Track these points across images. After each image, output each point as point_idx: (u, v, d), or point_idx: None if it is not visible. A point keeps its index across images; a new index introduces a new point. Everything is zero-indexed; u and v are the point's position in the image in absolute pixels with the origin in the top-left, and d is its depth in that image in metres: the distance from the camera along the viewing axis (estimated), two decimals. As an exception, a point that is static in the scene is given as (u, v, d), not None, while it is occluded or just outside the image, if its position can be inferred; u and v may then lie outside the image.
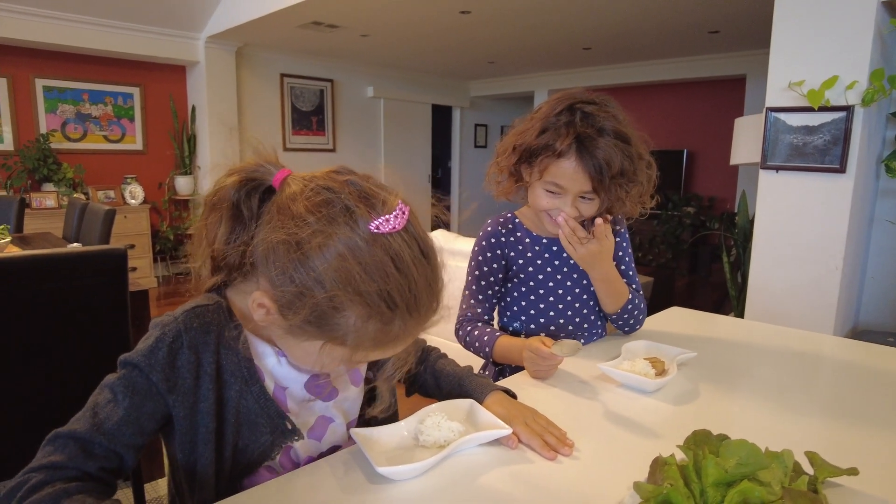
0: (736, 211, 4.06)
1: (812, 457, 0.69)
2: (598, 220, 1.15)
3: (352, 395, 0.84)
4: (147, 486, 2.10)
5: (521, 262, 1.27)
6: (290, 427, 0.75)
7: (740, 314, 3.08)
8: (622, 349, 1.15)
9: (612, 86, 6.62)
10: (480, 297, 1.30)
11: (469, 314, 1.30)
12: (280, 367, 0.76)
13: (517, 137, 1.16)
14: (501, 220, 1.30)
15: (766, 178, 2.51)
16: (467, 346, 1.28)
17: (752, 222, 3.01)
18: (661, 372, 1.06)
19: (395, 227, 0.62)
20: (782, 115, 2.39)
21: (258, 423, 0.73)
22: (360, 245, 0.60)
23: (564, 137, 1.06)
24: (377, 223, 0.61)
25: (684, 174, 6.51)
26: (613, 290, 1.25)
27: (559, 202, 1.14)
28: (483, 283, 1.29)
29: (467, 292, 1.32)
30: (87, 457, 0.63)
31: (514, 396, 0.92)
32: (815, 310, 2.39)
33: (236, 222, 0.69)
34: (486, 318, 1.31)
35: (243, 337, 0.72)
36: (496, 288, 1.30)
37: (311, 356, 0.68)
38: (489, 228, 1.30)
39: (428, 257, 0.65)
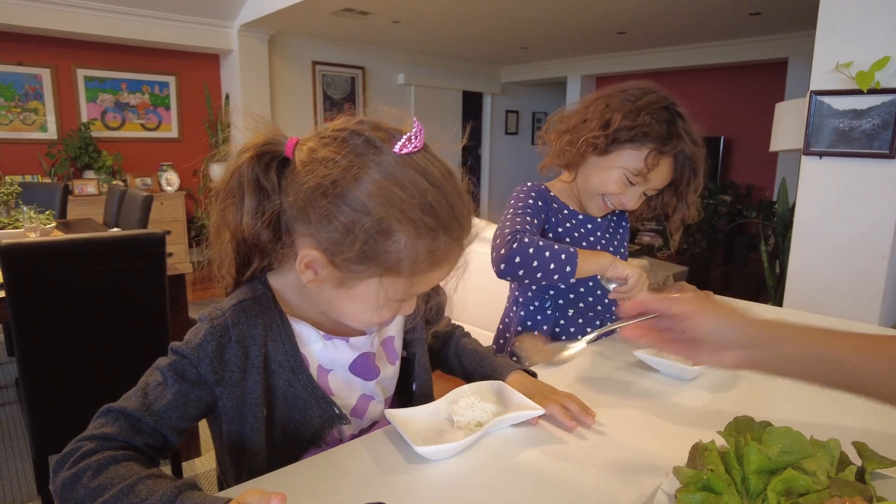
0: (775, 199, 3.95)
1: (860, 447, 0.67)
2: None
3: (390, 373, 0.85)
4: (185, 465, 2.17)
5: (558, 230, 1.26)
6: (337, 412, 0.77)
7: (778, 305, 3.00)
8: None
9: (647, 71, 6.47)
10: (528, 226, 1.15)
11: (527, 228, 1.14)
12: (325, 351, 0.77)
13: (611, 115, 1.14)
14: (542, 187, 1.28)
15: (808, 165, 2.42)
16: (532, 256, 1.06)
17: (792, 210, 2.92)
18: (698, 359, 1.04)
19: (416, 147, 0.65)
20: (827, 99, 2.30)
21: (307, 410, 0.75)
22: (392, 167, 0.63)
23: (675, 138, 1.12)
24: (400, 144, 0.64)
25: (721, 162, 6.35)
26: None
27: (629, 190, 1.17)
28: (530, 215, 1.18)
29: (517, 217, 1.16)
30: (135, 433, 0.66)
31: (534, 376, 0.92)
32: (858, 301, 2.31)
33: (261, 197, 0.69)
34: None
35: (288, 325, 0.74)
36: (539, 228, 1.20)
37: (369, 304, 0.68)
38: (534, 189, 1.25)
39: (452, 174, 0.68)
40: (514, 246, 1.08)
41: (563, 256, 1.07)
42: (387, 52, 6.72)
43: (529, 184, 1.28)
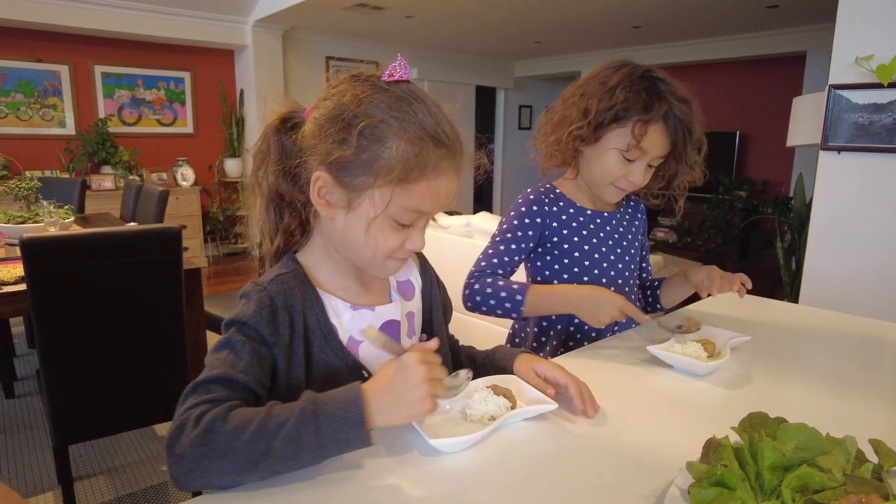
0: (791, 194, 3.90)
1: (877, 444, 0.66)
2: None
3: (410, 344, 0.88)
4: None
5: (564, 232, 1.25)
6: (367, 376, 0.80)
7: (794, 301, 2.96)
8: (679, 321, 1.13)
9: (661, 65, 6.35)
10: (506, 258, 1.22)
11: (489, 270, 1.21)
12: (354, 321, 0.82)
13: (587, 102, 1.15)
14: (543, 189, 1.28)
15: (826, 160, 2.39)
16: (485, 298, 1.15)
17: (809, 206, 2.89)
18: (712, 355, 1.03)
19: (402, 76, 0.74)
20: (846, 93, 2.27)
21: (339, 375, 0.79)
22: (380, 87, 0.73)
23: (657, 103, 1.10)
24: (388, 73, 0.74)
25: (736, 157, 6.27)
26: None
27: (631, 168, 1.15)
28: (514, 246, 1.23)
29: (492, 251, 1.24)
30: (231, 391, 0.68)
31: None
32: (877, 297, 2.28)
33: (283, 154, 0.78)
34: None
35: (319, 296, 0.80)
36: (522, 256, 1.25)
37: (384, 228, 0.74)
38: (531, 196, 1.26)
39: (439, 103, 0.75)
40: (467, 292, 1.19)
41: (507, 304, 1.14)
42: (400, 47, 6.69)
43: (530, 192, 1.27)
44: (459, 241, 2.81)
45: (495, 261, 1.22)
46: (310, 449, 0.62)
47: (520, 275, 1.28)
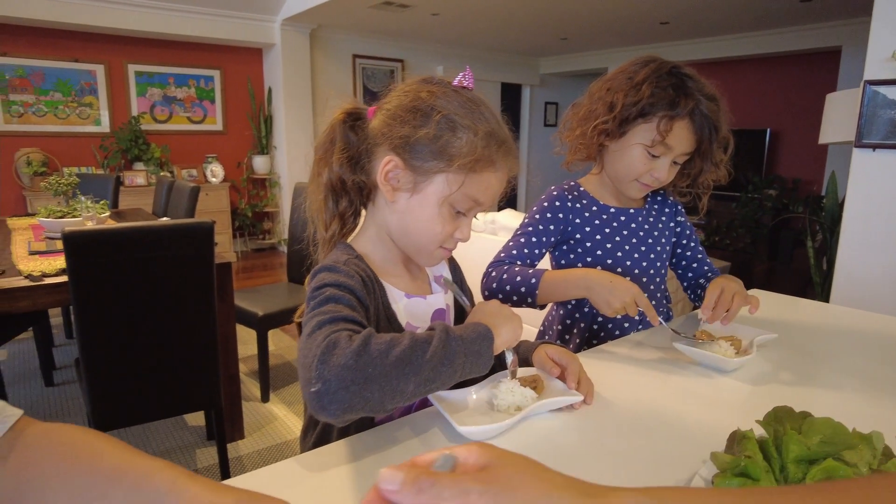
0: (823, 193, 3.82)
1: (904, 440, 0.66)
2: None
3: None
4: (229, 447, 2.25)
5: (587, 229, 1.25)
6: None
7: (825, 301, 2.91)
8: (700, 324, 1.13)
9: (690, 62, 6.28)
10: (526, 250, 1.23)
11: (507, 261, 1.22)
12: (407, 309, 0.86)
13: (613, 97, 1.15)
14: (567, 186, 1.29)
15: (860, 158, 2.35)
16: (500, 285, 1.17)
17: (841, 205, 2.83)
18: (738, 352, 1.03)
19: (468, 85, 0.83)
20: (882, 89, 2.22)
21: None
22: (454, 89, 0.81)
23: (684, 99, 1.09)
24: (457, 80, 0.83)
25: (766, 155, 6.16)
26: None
27: (656, 164, 1.15)
28: (534, 239, 1.23)
29: (512, 243, 1.24)
30: (353, 309, 0.73)
31: None
32: (911, 298, 2.23)
33: (346, 144, 0.84)
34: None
35: (380, 281, 0.84)
36: (543, 251, 1.25)
37: (435, 209, 0.80)
38: (555, 192, 1.27)
39: (497, 112, 0.84)
40: (485, 280, 1.20)
41: (522, 289, 1.15)
42: (426, 45, 6.74)
43: (555, 189, 1.28)
44: (483, 237, 2.83)
45: (514, 252, 1.23)
46: (461, 355, 0.68)
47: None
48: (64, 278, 1.89)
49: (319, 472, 0.67)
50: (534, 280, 1.14)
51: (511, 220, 2.84)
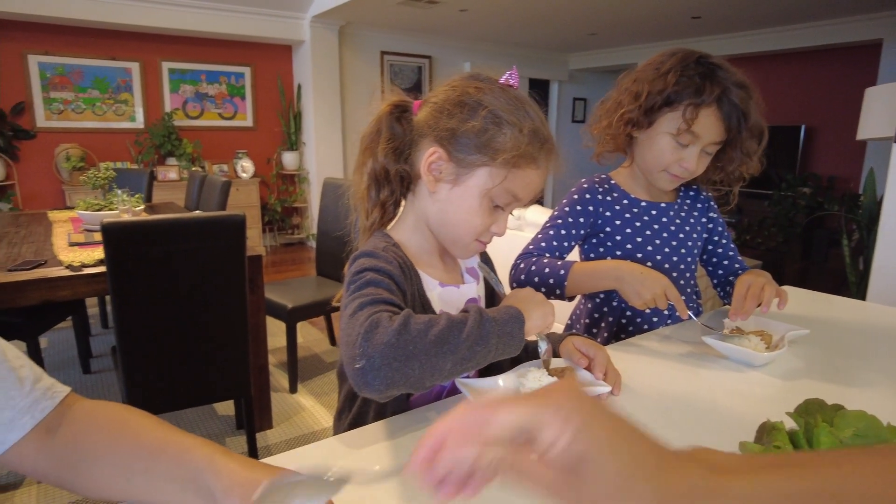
0: (861, 191, 3.72)
1: (941, 436, 0.65)
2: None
3: None
4: (258, 436, 2.30)
5: (617, 223, 1.24)
6: None
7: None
8: (725, 323, 1.12)
9: (722, 57, 6.18)
10: (555, 242, 1.22)
11: (536, 252, 1.22)
12: (441, 298, 0.88)
13: (639, 87, 1.14)
14: (598, 179, 1.28)
15: (899, 153, 2.28)
16: (529, 276, 1.17)
17: (879, 203, 2.75)
18: (768, 347, 1.02)
19: (514, 84, 0.84)
20: (923, 82, 2.15)
21: None
22: (500, 87, 0.83)
23: (710, 86, 1.08)
24: (504, 78, 0.84)
25: (801, 152, 6.01)
26: None
27: (684, 153, 1.13)
28: (563, 231, 1.23)
29: (541, 235, 1.24)
30: (392, 292, 0.75)
31: None
32: (951, 298, 2.16)
33: (392, 135, 0.85)
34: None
35: (415, 269, 0.85)
36: (572, 243, 1.25)
37: (476, 201, 0.81)
38: (586, 185, 1.27)
39: (540, 112, 0.85)
40: (513, 272, 1.20)
41: (551, 280, 1.14)
42: (453, 41, 6.75)
43: (585, 181, 1.28)
44: (510, 233, 2.82)
45: (543, 244, 1.23)
46: (495, 335, 0.70)
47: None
48: (102, 268, 1.95)
49: (359, 448, 0.69)
50: (563, 271, 1.14)
51: (538, 216, 2.83)
